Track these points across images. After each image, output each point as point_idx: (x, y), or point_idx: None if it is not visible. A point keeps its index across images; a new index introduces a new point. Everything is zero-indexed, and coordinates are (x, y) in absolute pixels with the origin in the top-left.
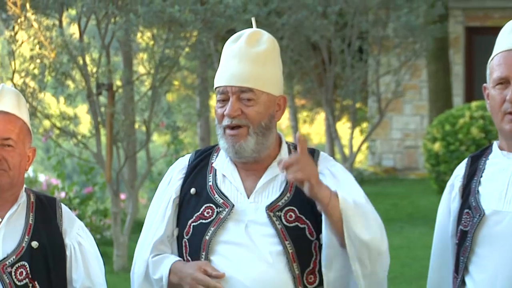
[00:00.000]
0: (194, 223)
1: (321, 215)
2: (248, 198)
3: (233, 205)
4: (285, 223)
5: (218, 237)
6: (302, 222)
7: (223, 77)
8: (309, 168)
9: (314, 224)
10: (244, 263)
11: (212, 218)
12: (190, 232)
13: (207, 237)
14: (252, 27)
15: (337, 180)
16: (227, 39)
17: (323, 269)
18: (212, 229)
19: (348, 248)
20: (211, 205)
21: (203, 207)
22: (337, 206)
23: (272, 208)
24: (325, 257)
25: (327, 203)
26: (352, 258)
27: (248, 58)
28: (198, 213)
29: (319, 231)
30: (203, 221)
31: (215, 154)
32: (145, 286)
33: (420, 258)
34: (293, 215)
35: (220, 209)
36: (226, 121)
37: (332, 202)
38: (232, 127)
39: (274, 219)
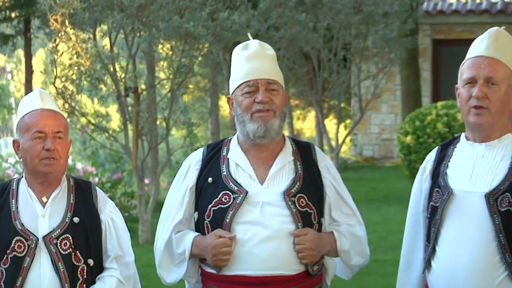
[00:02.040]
0: (214, 208)
1: (323, 201)
2: (262, 184)
3: (247, 192)
4: (298, 207)
5: (237, 218)
6: (310, 208)
7: (250, 73)
8: (311, 256)
9: (318, 210)
10: (260, 239)
11: (229, 203)
12: (211, 216)
13: (227, 220)
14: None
15: (338, 182)
16: (233, 50)
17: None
18: (231, 212)
19: (344, 267)
20: (228, 192)
21: (221, 194)
22: (336, 249)
23: (288, 193)
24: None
25: (327, 253)
26: (347, 271)
27: (267, 58)
28: (216, 199)
29: (320, 216)
30: (222, 206)
31: (225, 147)
32: (166, 260)
33: (394, 232)
34: (304, 201)
35: (236, 195)
36: (257, 107)
37: (332, 249)
38: (263, 110)
39: (290, 203)
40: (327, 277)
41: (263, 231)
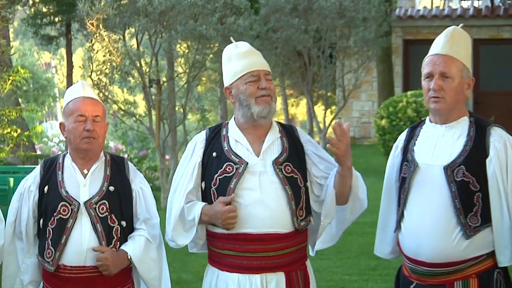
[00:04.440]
0: (219, 177)
1: (306, 168)
2: (258, 156)
3: (247, 162)
4: (285, 173)
5: (240, 185)
6: (295, 173)
7: (252, 65)
8: (347, 151)
9: (302, 175)
10: (260, 203)
11: (233, 172)
12: (217, 183)
13: (231, 186)
14: (231, 42)
15: (317, 149)
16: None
17: (322, 217)
18: (235, 180)
19: (350, 201)
20: (231, 163)
21: (225, 165)
22: (351, 174)
23: (276, 162)
24: (326, 209)
25: (349, 168)
26: (348, 209)
27: (259, 54)
28: (221, 169)
29: (305, 180)
30: (227, 175)
31: (224, 128)
32: (179, 225)
33: (372, 199)
34: (290, 168)
35: (238, 166)
36: (261, 92)
37: (351, 170)
38: (266, 95)
39: (277, 170)
40: (310, 237)
41: (262, 195)
